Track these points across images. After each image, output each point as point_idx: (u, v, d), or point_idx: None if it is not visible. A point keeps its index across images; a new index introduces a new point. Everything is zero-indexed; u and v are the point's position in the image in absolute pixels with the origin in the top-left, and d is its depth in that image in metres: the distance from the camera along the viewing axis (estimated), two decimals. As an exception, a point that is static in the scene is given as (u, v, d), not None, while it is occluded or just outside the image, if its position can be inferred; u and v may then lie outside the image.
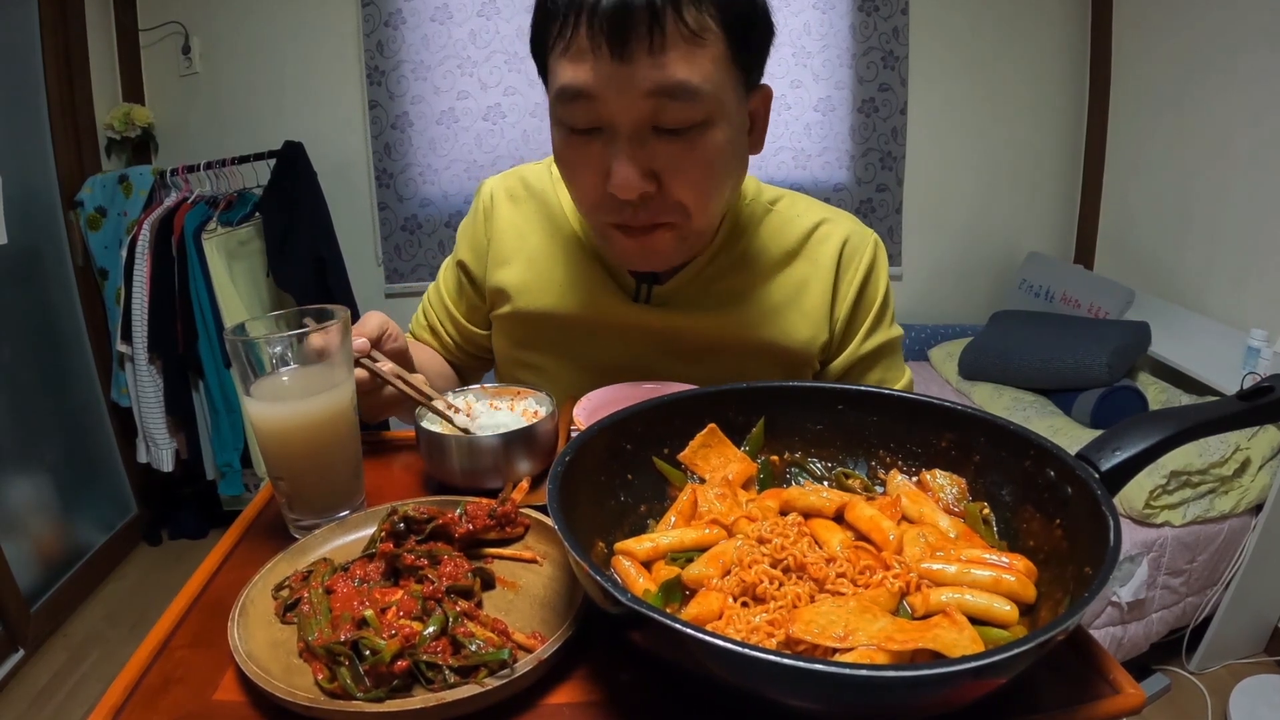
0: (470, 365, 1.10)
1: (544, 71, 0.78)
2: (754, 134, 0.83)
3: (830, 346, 0.95)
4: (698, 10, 0.69)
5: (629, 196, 0.74)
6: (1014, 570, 0.51)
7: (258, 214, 2.70)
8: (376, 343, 0.78)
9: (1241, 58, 2.47)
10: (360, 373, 0.73)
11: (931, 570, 0.52)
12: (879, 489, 0.64)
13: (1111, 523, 0.46)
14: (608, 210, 0.78)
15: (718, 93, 0.72)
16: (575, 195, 0.82)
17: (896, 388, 0.92)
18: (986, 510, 0.59)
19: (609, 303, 0.92)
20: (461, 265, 1.02)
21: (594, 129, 0.74)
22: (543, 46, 0.76)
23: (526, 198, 0.98)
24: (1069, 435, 2.30)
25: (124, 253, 2.56)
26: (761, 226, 0.94)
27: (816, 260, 0.93)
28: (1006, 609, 0.48)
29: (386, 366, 0.77)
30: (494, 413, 0.77)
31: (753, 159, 0.85)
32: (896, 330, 0.98)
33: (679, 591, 0.53)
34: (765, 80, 0.81)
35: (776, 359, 0.92)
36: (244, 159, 2.69)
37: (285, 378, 0.66)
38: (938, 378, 2.97)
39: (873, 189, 3.18)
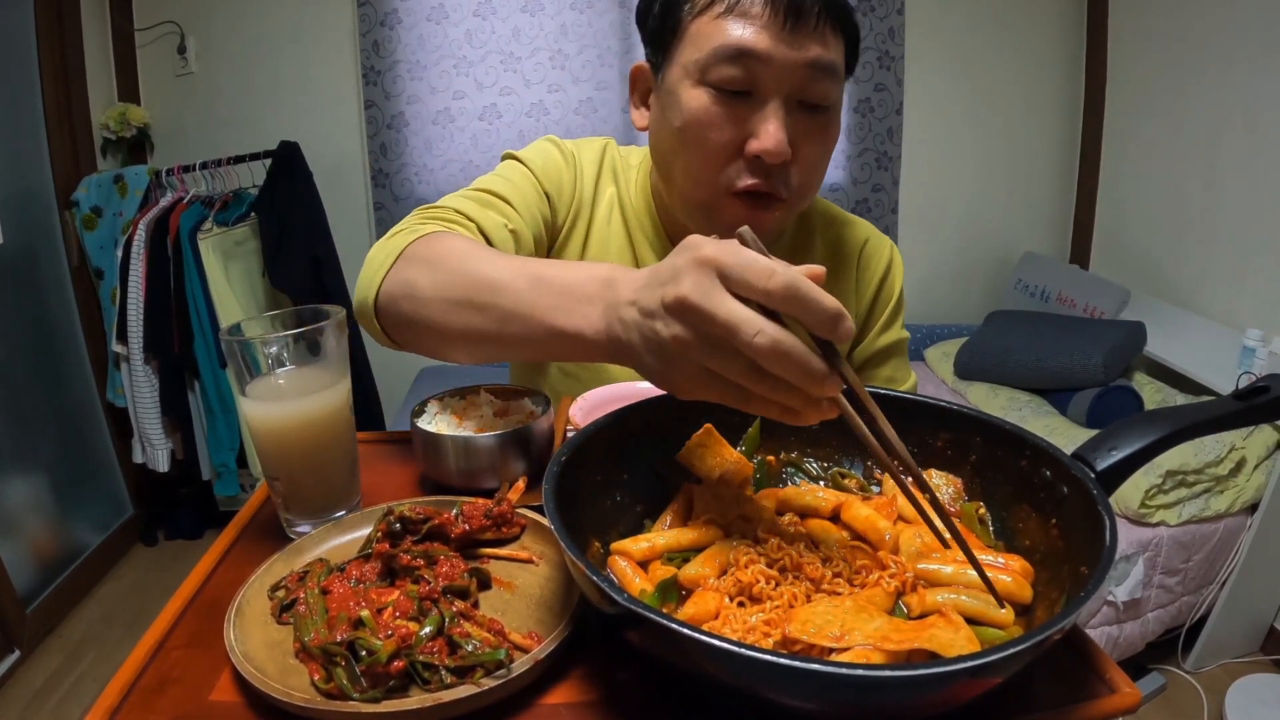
0: None
1: (670, 35, 0.80)
2: None
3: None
4: (834, 22, 0.77)
5: (777, 159, 0.76)
6: (1010, 570, 0.51)
7: (253, 214, 2.69)
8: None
9: (1236, 58, 2.48)
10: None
11: (928, 570, 0.52)
12: (875, 489, 0.65)
13: (1107, 522, 0.47)
14: (735, 175, 0.79)
15: (841, 85, 0.80)
16: (700, 160, 0.80)
17: (903, 388, 0.94)
18: (982, 510, 0.59)
19: None
20: (547, 196, 0.92)
21: (742, 92, 0.76)
22: (677, 9, 0.79)
23: (610, 178, 0.96)
24: (1065, 435, 2.30)
25: (119, 253, 2.55)
26: (801, 226, 0.98)
27: (843, 259, 0.98)
28: (1002, 611, 0.48)
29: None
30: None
31: None
32: (906, 333, 1.03)
33: (675, 591, 0.53)
34: None
35: None
36: (240, 159, 2.68)
37: (281, 378, 0.66)
38: (933, 377, 2.97)
39: (868, 189, 3.18)
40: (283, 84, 2.96)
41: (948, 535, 0.51)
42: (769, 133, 0.75)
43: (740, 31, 0.74)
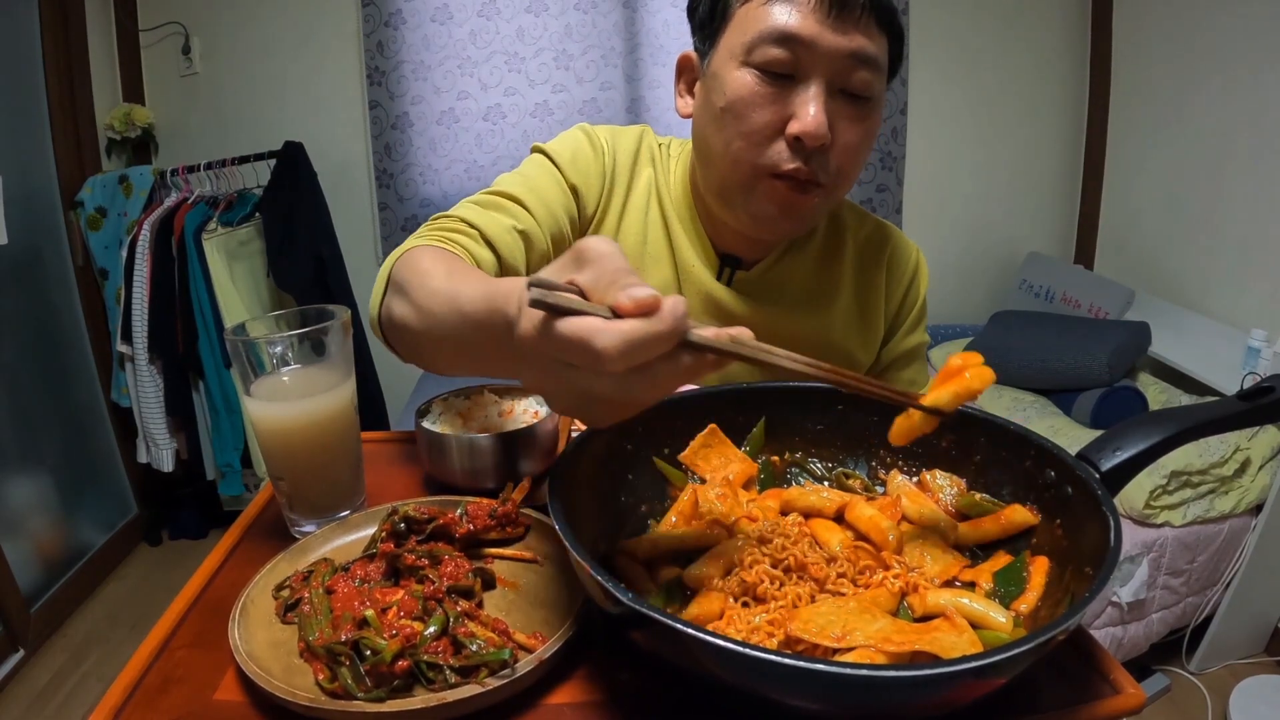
0: None
1: (718, 21, 0.82)
2: None
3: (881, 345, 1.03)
4: (878, 17, 0.79)
5: (815, 142, 0.78)
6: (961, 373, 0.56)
7: (258, 214, 2.70)
8: None
9: (1242, 58, 2.48)
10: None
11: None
12: (879, 489, 0.64)
13: (1112, 523, 0.47)
14: (777, 157, 0.80)
15: (883, 80, 0.82)
16: (741, 139, 0.81)
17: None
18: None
19: (697, 273, 0.93)
20: (574, 190, 0.91)
21: (785, 76, 0.78)
22: None
23: (647, 161, 0.97)
24: (1069, 436, 2.30)
25: (124, 253, 2.56)
26: (833, 225, 0.99)
27: (877, 264, 1.00)
28: (1001, 619, 0.48)
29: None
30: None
31: None
32: (927, 337, 1.07)
33: (680, 592, 0.53)
34: None
35: (844, 364, 0.97)
36: (244, 159, 2.68)
37: (286, 377, 0.66)
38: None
39: (873, 189, 3.18)
40: (287, 85, 2.97)
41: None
42: (809, 114, 0.77)
43: (786, 17, 0.77)
